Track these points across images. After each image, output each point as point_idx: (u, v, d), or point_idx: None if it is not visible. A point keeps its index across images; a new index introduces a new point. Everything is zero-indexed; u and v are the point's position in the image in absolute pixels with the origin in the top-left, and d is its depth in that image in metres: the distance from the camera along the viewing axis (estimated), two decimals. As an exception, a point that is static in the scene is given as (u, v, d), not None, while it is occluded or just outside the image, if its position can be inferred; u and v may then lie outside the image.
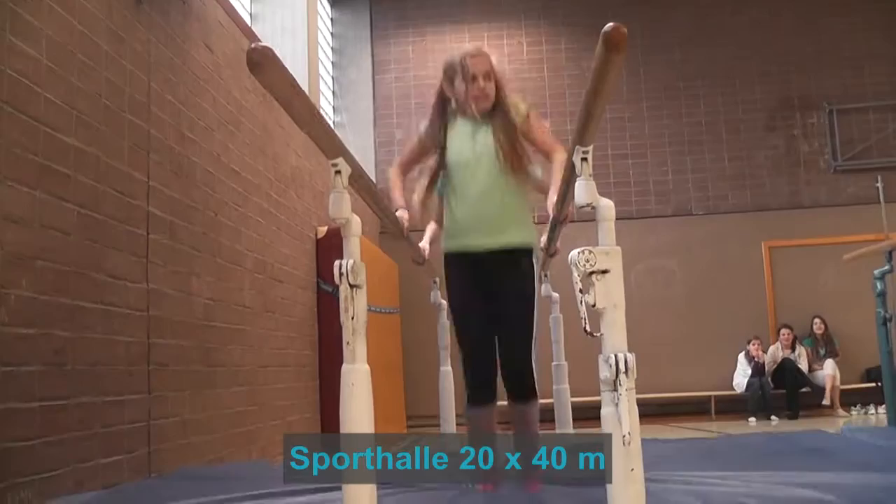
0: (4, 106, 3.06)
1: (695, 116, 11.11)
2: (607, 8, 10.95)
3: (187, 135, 4.78)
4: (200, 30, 5.13)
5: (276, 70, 1.56)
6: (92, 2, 3.78)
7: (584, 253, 1.92)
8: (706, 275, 10.59)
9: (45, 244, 3.31)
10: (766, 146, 11.08)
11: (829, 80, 11.02)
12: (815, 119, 11.09)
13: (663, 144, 11.03)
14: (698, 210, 10.98)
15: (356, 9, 11.04)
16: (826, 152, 11.00)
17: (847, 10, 11.06)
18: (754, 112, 11.13)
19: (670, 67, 11.15)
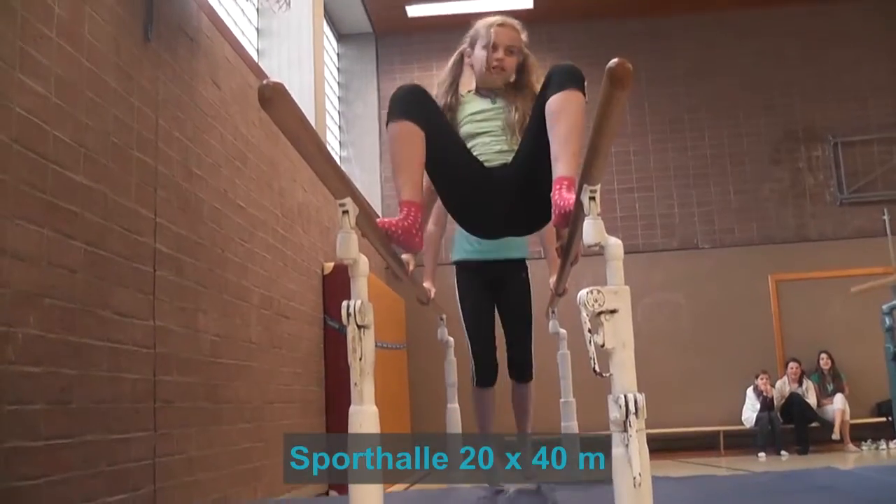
0: (12, 144, 3.07)
1: (700, 149, 11.14)
2: (612, 40, 11.04)
3: (194, 171, 4.80)
4: (208, 66, 5.16)
5: (287, 106, 1.57)
6: (100, 39, 3.80)
7: (592, 293, 1.90)
8: (713, 308, 10.56)
9: (53, 282, 3.31)
10: (771, 179, 11.10)
11: (834, 113, 11.06)
12: (820, 151, 11.11)
13: (669, 178, 11.05)
14: (704, 243, 10.97)
15: (362, 44, 11.12)
16: (831, 185, 11.01)
17: (851, 42, 11.11)
18: (759, 145, 11.15)
19: (675, 100, 11.19)
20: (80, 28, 3.63)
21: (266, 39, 7.79)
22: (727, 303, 10.55)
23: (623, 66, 1.46)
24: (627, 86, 1.48)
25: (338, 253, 1.95)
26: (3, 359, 2.96)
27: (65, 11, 3.50)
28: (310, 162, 1.81)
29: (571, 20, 11.06)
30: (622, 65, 1.47)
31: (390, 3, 10.21)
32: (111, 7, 3.93)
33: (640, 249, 10.71)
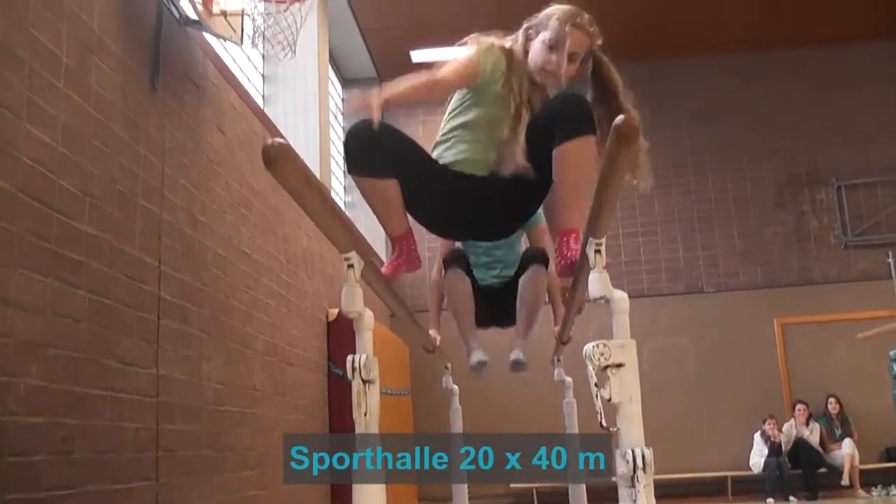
0: (18, 193, 3.08)
1: (704, 193, 11.15)
2: (615, 87, 11.08)
3: (199, 218, 4.81)
4: (214, 113, 5.19)
5: (292, 167, 1.57)
6: (107, 88, 3.83)
7: (598, 347, 1.89)
8: (719, 352, 10.50)
9: (56, 331, 3.29)
10: (775, 222, 11.10)
11: (838, 156, 11.09)
12: (824, 195, 11.12)
13: (673, 222, 11.06)
14: (709, 287, 10.94)
15: (366, 88, 11.19)
16: (836, 228, 11.00)
17: (855, 85, 11.17)
18: (763, 188, 11.17)
19: (679, 144, 11.23)
20: (88, 77, 3.66)
21: (272, 85, 7.84)
22: (733, 346, 10.50)
23: (629, 123, 1.46)
24: (634, 142, 1.48)
25: (343, 307, 1.95)
26: (4, 410, 2.94)
27: (72, 61, 3.52)
28: (315, 220, 1.81)
29: (575, 65, 11.11)
30: (629, 122, 1.46)
31: (394, 48, 10.29)
32: (118, 56, 3.96)
33: (644, 294, 10.68)
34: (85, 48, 3.64)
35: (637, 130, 1.45)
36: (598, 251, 1.92)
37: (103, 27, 3.82)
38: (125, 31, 4.05)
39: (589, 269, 2.00)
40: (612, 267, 2.00)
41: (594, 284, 1.94)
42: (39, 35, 3.28)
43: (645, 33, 10.68)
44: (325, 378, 7.21)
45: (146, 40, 4.32)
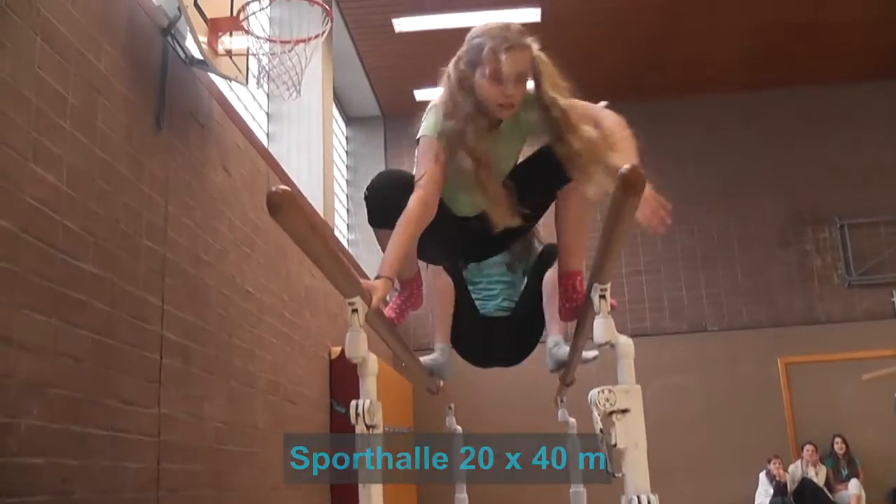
0: (22, 234, 3.08)
1: (707, 232, 11.16)
2: (618, 126, 11.14)
3: (202, 257, 4.81)
4: (218, 152, 5.21)
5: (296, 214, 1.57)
6: (113, 128, 3.84)
7: (603, 392, 1.88)
8: (723, 391, 10.45)
9: (58, 371, 3.28)
10: (778, 261, 11.09)
11: (840, 195, 11.11)
12: (827, 234, 11.13)
13: (676, 260, 11.06)
14: (713, 326, 10.92)
15: (370, 126, 11.26)
16: (839, 267, 11.00)
17: (855, 124, 11.23)
18: (766, 227, 11.18)
19: (681, 183, 11.23)
20: (93, 117, 3.67)
21: (276, 123, 7.88)
22: (737, 386, 10.45)
23: (635, 171, 1.46)
24: (640, 192, 1.48)
25: (347, 352, 1.94)
26: (5, 451, 2.92)
27: (78, 101, 3.54)
28: (320, 266, 1.81)
29: (578, 104, 11.18)
30: (634, 170, 1.46)
31: (399, 87, 10.35)
32: (124, 96, 3.98)
33: (648, 332, 10.65)
34: (91, 88, 3.66)
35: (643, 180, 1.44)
36: (603, 296, 1.91)
37: (110, 67, 3.85)
38: (131, 72, 4.08)
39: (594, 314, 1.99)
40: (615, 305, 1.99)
41: (599, 329, 1.94)
42: (46, 76, 3.30)
43: (644, 72, 10.76)
44: (326, 416, 7.17)
45: (152, 80, 4.34)
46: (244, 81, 5.06)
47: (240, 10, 4.85)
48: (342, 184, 10.60)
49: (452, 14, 8.91)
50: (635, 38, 10.00)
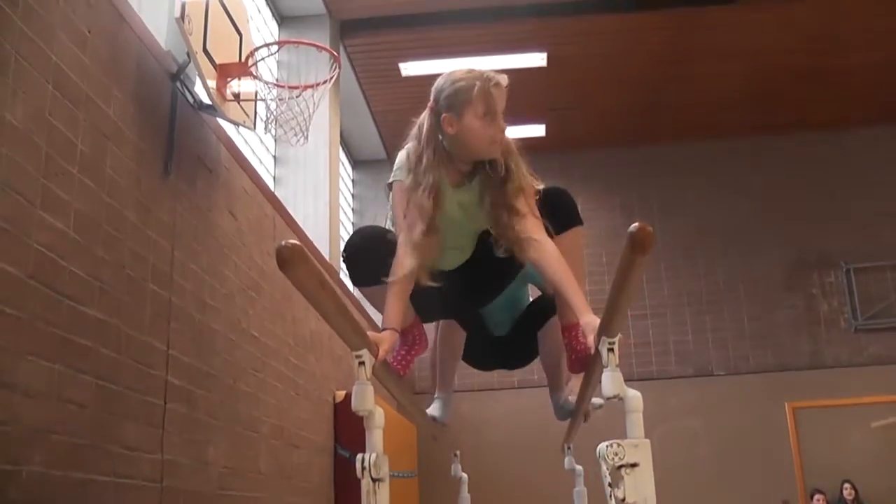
0: (29, 280, 3.08)
1: (713, 276, 11.15)
2: (623, 168, 11.21)
3: (208, 302, 4.80)
4: (225, 197, 5.22)
5: (306, 268, 1.56)
6: (121, 174, 3.86)
7: (612, 446, 1.86)
8: (730, 436, 10.36)
9: (61, 418, 3.26)
10: (785, 305, 11.06)
11: (845, 239, 11.10)
12: (833, 278, 11.11)
13: (682, 304, 11.03)
14: (719, 370, 10.86)
15: (376, 170, 11.30)
16: (846, 311, 10.96)
17: (860, 168, 11.26)
18: (772, 271, 11.17)
19: (687, 226, 11.27)
20: (102, 163, 3.69)
21: (283, 167, 7.92)
22: (744, 430, 10.37)
23: (644, 230, 1.45)
24: (649, 251, 1.47)
25: (353, 405, 1.92)
26: (6, 499, 2.89)
27: (87, 147, 3.56)
28: (327, 319, 1.80)
29: (583, 148, 11.26)
30: (643, 229, 1.46)
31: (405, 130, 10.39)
32: (133, 142, 4.01)
33: (654, 376, 10.60)
34: (101, 135, 3.69)
35: (652, 239, 1.44)
36: (612, 350, 1.90)
37: (119, 113, 3.88)
38: (140, 117, 4.11)
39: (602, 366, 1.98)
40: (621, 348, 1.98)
41: (607, 383, 1.92)
42: (57, 122, 3.32)
43: (649, 117, 10.83)
44: (331, 460, 7.11)
45: (161, 126, 4.37)
46: (252, 126, 5.09)
47: (248, 56, 4.90)
48: (348, 227, 10.62)
49: (459, 59, 8.97)
50: (637, 82, 10.07)
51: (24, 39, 3.14)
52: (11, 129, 3.00)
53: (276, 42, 6.83)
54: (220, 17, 4.82)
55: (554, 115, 10.47)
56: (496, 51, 8.65)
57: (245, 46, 5.04)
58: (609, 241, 10.45)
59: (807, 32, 9.25)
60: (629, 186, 11.34)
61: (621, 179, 11.30)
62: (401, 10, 8.48)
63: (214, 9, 4.72)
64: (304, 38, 7.57)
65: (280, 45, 5.95)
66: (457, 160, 2.64)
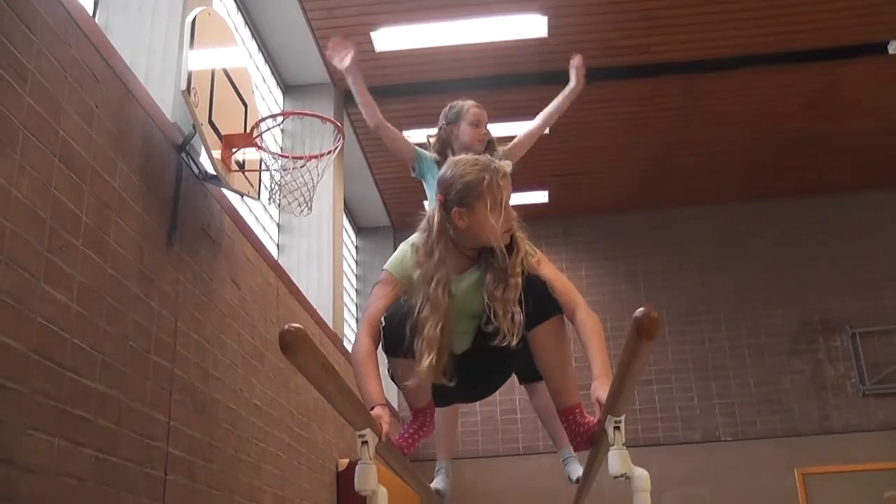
0: (31, 354, 3.06)
1: (718, 341, 11.10)
2: (626, 233, 11.23)
3: (211, 372, 4.77)
4: (228, 266, 5.23)
5: (309, 352, 1.56)
6: (125, 245, 3.87)
7: (620, 526, 1.83)
8: (739, 503, 10.20)
9: (59, 492, 3.22)
10: (791, 370, 10.99)
11: (850, 303, 11.07)
12: (839, 342, 11.05)
13: (687, 370, 10.96)
14: (727, 436, 10.74)
15: (380, 237, 11.34)
16: (853, 376, 10.88)
17: (862, 232, 11.28)
18: (777, 336, 11.12)
19: (691, 292, 11.25)
20: (106, 235, 3.70)
21: (286, 235, 7.94)
22: (753, 497, 10.21)
23: (649, 316, 1.45)
24: (654, 336, 1.47)
25: (356, 485, 1.90)
26: (1, 579, 2.85)
27: (92, 220, 3.57)
28: (330, 401, 1.79)
29: (586, 214, 11.30)
30: (648, 315, 1.45)
31: (408, 199, 10.46)
32: (137, 214, 4.03)
33: (660, 442, 10.49)
34: (105, 206, 3.71)
35: (657, 325, 1.44)
36: (618, 428, 1.88)
37: (124, 185, 3.90)
38: (145, 188, 4.13)
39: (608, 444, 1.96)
40: (627, 414, 1.96)
41: (615, 462, 1.90)
42: (61, 196, 3.34)
43: (652, 183, 10.90)
44: (333, 532, 7.01)
45: (165, 196, 4.40)
46: (256, 196, 5.12)
47: (253, 127, 4.95)
48: (352, 294, 10.61)
49: (462, 127, 9.05)
50: (640, 147, 10.16)
51: (33, 114, 3.18)
52: (16, 204, 3.02)
53: (281, 113, 6.90)
54: (226, 88, 4.88)
55: (557, 182, 10.53)
56: (500, 119, 8.73)
57: (250, 117, 5.09)
58: (613, 307, 10.44)
59: (808, 98, 9.35)
60: (633, 252, 11.36)
61: (625, 245, 11.33)
62: (403, 80, 8.59)
63: (220, 80, 4.78)
64: (308, 106, 7.68)
65: (285, 116, 6.02)
66: (463, 249, 2.79)
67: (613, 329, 10.83)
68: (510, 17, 7.70)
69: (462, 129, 3.88)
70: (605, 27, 8.10)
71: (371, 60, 7.93)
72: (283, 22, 7.62)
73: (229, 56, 5.04)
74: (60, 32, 3.46)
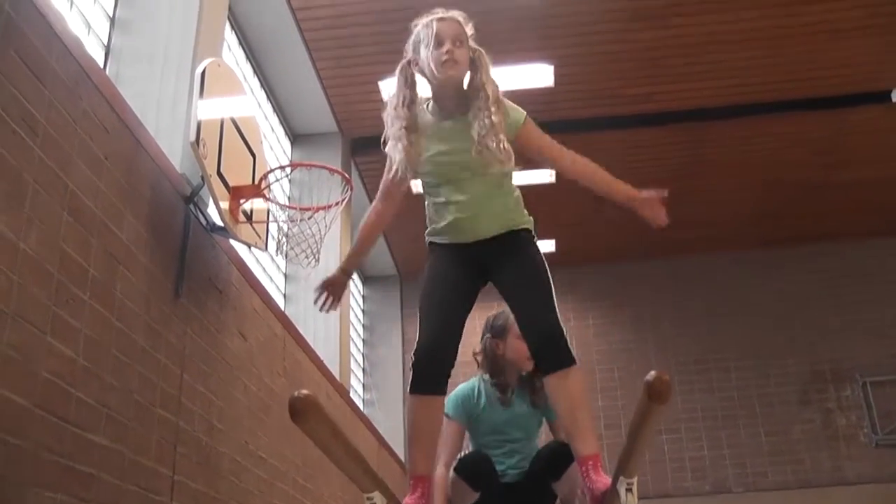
0: (35, 409, 3.03)
1: (727, 391, 11.01)
2: (633, 282, 11.20)
3: (216, 425, 4.73)
4: (235, 318, 5.21)
5: (318, 419, 1.53)
6: (132, 298, 3.85)
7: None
8: (751, 557, 10.05)
9: (63, 550, 3.17)
10: (801, 420, 10.88)
11: (859, 352, 10.99)
12: (850, 391, 10.95)
13: (697, 419, 10.86)
14: (738, 487, 10.60)
15: (387, 287, 11.32)
16: (865, 426, 10.76)
17: (868, 280, 11.24)
18: (787, 385, 11.03)
19: (699, 340, 11.19)
20: (113, 288, 3.69)
21: (293, 285, 7.92)
22: (766, 551, 10.06)
23: (661, 379, 1.43)
24: (666, 400, 1.44)
25: (363, 548, 1.86)
26: None
27: (99, 272, 3.56)
28: (339, 465, 1.76)
29: (591, 263, 11.28)
30: (660, 378, 1.43)
31: (415, 247, 10.44)
32: (145, 265, 4.01)
33: (670, 493, 10.35)
34: (112, 259, 3.70)
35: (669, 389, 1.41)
36: (630, 490, 1.85)
37: (132, 237, 3.90)
38: (153, 240, 4.13)
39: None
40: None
41: (627, 524, 1.86)
42: (69, 249, 3.33)
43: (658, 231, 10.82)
44: (339, 587, 6.90)
45: (173, 248, 4.39)
46: (264, 247, 5.11)
47: (262, 178, 4.95)
48: (358, 343, 10.57)
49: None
50: (649, 197, 10.14)
51: (43, 168, 3.18)
52: (24, 258, 3.01)
53: (290, 165, 6.92)
54: (235, 138, 4.89)
55: (562, 231, 10.53)
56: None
57: (258, 167, 5.10)
58: (620, 357, 10.39)
59: (813, 146, 9.38)
60: (640, 300, 11.32)
61: (632, 293, 11.30)
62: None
63: (229, 130, 4.80)
64: (316, 155, 7.72)
65: (293, 167, 6.03)
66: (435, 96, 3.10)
67: (621, 378, 10.83)
68: (517, 66, 7.76)
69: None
70: (610, 76, 8.16)
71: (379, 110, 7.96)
72: (292, 71, 7.69)
73: (238, 106, 5.06)
74: (71, 85, 3.48)
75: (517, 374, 3.73)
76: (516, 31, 7.46)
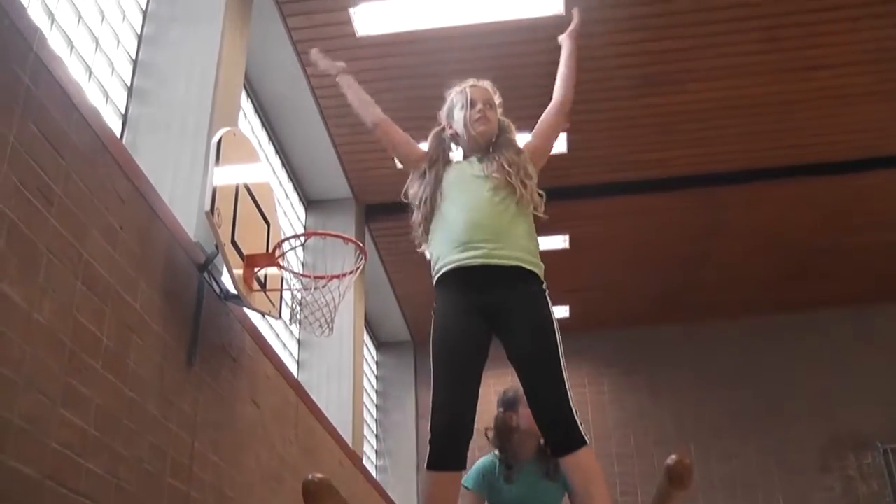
0: (45, 480, 3.00)
1: (745, 457, 10.84)
2: (648, 347, 11.11)
3: (227, 493, 4.67)
4: (248, 386, 5.18)
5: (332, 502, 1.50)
6: (144, 366, 3.83)
7: None
8: None
9: None
10: (821, 487, 10.69)
11: (878, 418, 10.84)
12: (871, 458, 10.77)
13: (714, 489, 10.67)
14: (758, 560, 10.38)
15: (401, 352, 11.27)
16: (887, 494, 10.56)
17: (882, 345, 11.13)
18: (806, 451, 10.86)
19: (716, 406, 11.06)
20: (126, 357, 3.67)
21: (307, 351, 7.90)
22: None
23: (682, 463, 1.40)
24: (688, 485, 1.41)
25: None
26: None
27: (112, 341, 3.55)
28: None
29: (607, 328, 11.23)
30: (681, 462, 1.40)
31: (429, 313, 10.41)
32: (158, 334, 4.00)
33: (689, 565, 10.12)
34: (125, 328, 3.69)
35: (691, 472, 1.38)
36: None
37: (145, 306, 3.89)
38: (166, 309, 4.12)
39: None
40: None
41: None
42: (82, 318, 3.33)
43: (672, 296, 10.84)
44: None
45: (186, 316, 4.38)
46: (277, 315, 5.10)
47: (276, 247, 4.96)
48: (371, 409, 10.49)
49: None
50: (659, 261, 10.15)
51: (57, 237, 3.19)
52: (38, 327, 3.00)
53: (304, 234, 6.94)
54: (249, 206, 4.91)
55: (577, 297, 10.50)
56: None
57: (273, 235, 5.11)
58: (636, 423, 10.26)
59: (826, 210, 9.37)
60: (654, 366, 11.23)
61: (646, 359, 11.22)
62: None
63: (243, 198, 4.81)
64: (330, 220, 7.75)
65: (307, 236, 6.04)
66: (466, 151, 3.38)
67: (637, 445, 10.70)
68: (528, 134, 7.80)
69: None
70: (622, 142, 8.20)
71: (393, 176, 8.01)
72: (306, 138, 7.76)
73: (253, 173, 5.10)
74: (89, 155, 3.51)
75: (536, 440, 3.67)
76: (527, 98, 7.52)
